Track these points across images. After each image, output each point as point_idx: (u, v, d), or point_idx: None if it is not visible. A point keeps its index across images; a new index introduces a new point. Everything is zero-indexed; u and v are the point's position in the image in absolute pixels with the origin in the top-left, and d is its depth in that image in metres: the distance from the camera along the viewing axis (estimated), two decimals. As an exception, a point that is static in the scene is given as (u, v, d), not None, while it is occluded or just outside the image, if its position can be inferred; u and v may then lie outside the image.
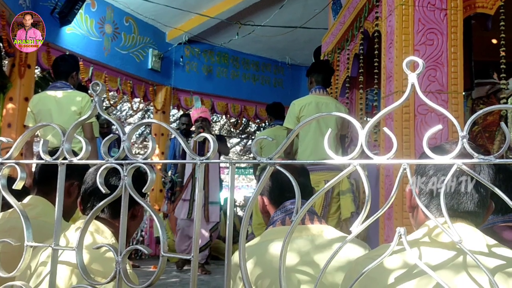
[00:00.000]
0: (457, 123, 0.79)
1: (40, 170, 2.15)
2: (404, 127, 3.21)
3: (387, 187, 3.35)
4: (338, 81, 5.28)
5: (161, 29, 8.02)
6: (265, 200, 1.81)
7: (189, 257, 0.96)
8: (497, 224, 1.59)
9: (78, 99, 3.99)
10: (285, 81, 9.39)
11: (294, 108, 4.20)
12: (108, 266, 1.38)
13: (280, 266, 0.87)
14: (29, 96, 5.62)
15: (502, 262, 1.01)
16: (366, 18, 4.20)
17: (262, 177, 0.93)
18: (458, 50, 3.33)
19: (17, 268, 1.10)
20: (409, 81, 0.82)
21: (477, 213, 1.13)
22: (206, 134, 0.99)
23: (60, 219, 1.11)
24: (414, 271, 1.01)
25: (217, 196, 5.84)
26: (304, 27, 7.17)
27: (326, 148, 0.86)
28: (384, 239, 3.35)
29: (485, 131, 4.46)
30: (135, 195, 1.01)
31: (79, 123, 1.15)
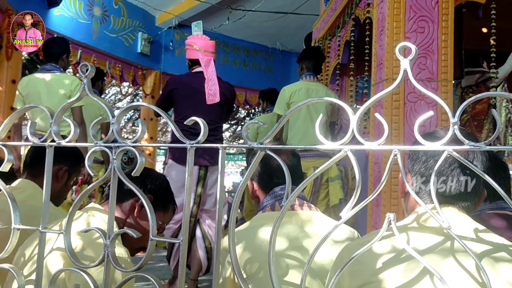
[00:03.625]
0: (448, 110, 0.79)
1: (32, 153, 2.13)
2: (394, 114, 3.22)
3: (376, 174, 3.37)
4: (329, 68, 5.27)
5: (151, 12, 7.93)
6: (255, 185, 1.81)
7: (178, 241, 0.96)
8: (485, 211, 1.61)
9: (67, 82, 3.96)
10: (275, 67, 9.35)
11: (284, 94, 4.19)
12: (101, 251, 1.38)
13: (269, 251, 0.88)
14: (16, 78, 5.55)
15: (489, 247, 1.03)
16: (357, 5, 4.19)
17: (252, 162, 0.93)
18: (449, 38, 3.33)
19: (4, 250, 1.09)
20: (401, 67, 0.82)
21: (468, 200, 1.14)
22: (196, 118, 0.98)
23: (48, 202, 1.10)
24: (402, 256, 1.02)
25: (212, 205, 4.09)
26: (295, 13, 7.13)
27: (317, 133, 0.86)
28: (372, 226, 3.38)
29: (474, 120, 4.49)
30: (124, 179, 1.00)
31: (67, 105, 1.14)
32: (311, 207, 1.69)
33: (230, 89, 4.13)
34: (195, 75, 4.00)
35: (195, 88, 3.91)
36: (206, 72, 3.95)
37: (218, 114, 4.00)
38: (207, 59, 4.00)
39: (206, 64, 3.98)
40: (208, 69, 3.96)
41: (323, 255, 1.44)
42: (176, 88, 3.96)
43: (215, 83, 3.91)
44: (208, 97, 3.87)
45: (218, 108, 3.97)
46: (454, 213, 1.12)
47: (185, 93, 3.92)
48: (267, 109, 6.04)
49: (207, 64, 3.99)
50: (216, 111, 3.96)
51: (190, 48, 4.10)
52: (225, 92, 3.98)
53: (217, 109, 3.97)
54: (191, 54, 4.08)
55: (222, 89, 3.94)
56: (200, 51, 4.02)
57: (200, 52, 4.02)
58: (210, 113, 3.85)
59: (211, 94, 3.88)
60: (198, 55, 4.01)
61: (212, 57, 4.05)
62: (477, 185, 1.15)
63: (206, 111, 3.80)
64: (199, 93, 3.88)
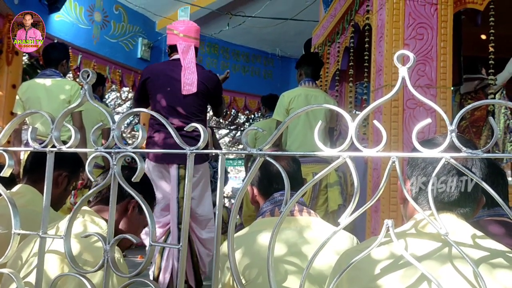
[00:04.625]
0: (446, 117, 0.80)
1: (32, 158, 2.14)
2: (393, 120, 3.23)
3: (375, 180, 3.38)
4: (328, 74, 5.28)
5: (151, 18, 7.96)
6: (255, 190, 1.81)
7: (178, 247, 0.96)
8: (483, 218, 1.61)
9: (67, 87, 3.97)
10: (274, 73, 9.37)
11: (283, 100, 4.20)
12: (100, 256, 1.38)
13: (268, 257, 0.88)
14: (17, 83, 5.57)
15: (487, 254, 1.03)
16: (357, 12, 4.21)
17: (252, 168, 0.94)
18: (448, 45, 3.35)
19: (4, 255, 1.10)
20: (399, 74, 0.82)
21: (467, 206, 1.15)
22: (196, 124, 0.99)
23: (48, 207, 1.10)
24: (400, 262, 1.02)
25: (206, 207, 3.65)
26: (295, 19, 7.15)
27: (316, 140, 0.86)
28: (371, 232, 3.38)
29: (472, 126, 4.50)
30: (124, 184, 1.01)
31: (68, 111, 1.14)
32: (311, 213, 1.69)
33: (212, 78, 3.64)
34: (171, 63, 3.61)
35: (170, 76, 3.51)
36: (184, 59, 3.54)
37: (197, 106, 3.53)
38: (186, 45, 3.58)
39: (184, 50, 3.57)
40: (186, 56, 3.55)
41: (322, 261, 1.45)
42: (148, 77, 3.57)
43: (193, 72, 3.51)
44: (184, 87, 3.47)
45: (197, 99, 3.52)
46: (452, 220, 1.12)
47: (159, 82, 3.52)
48: (266, 115, 6.05)
49: (186, 50, 3.57)
50: (194, 103, 3.51)
51: (169, 32, 3.72)
52: (204, 81, 3.54)
53: (195, 100, 3.51)
54: (170, 39, 3.70)
55: (201, 78, 3.53)
56: (179, 36, 3.62)
57: (179, 37, 3.62)
58: (187, 105, 3.48)
59: (188, 84, 3.48)
60: (177, 40, 3.62)
61: (193, 43, 3.62)
62: (475, 191, 1.15)
63: (182, 102, 3.47)
64: (175, 81, 3.49)
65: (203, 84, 3.53)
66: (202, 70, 3.62)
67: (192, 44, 3.60)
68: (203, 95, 3.55)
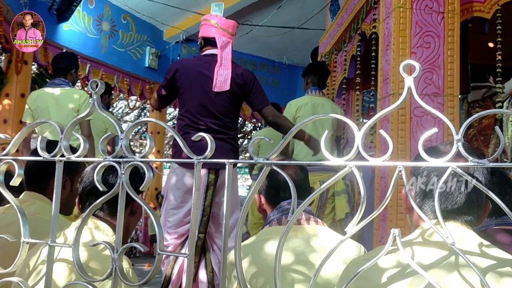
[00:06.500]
0: (452, 127, 0.80)
1: (32, 162, 2.12)
2: (400, 129, 3.23)
3: (382, 188, 3.37)
4: (335, 82, 5.29)
5: (158, 27, 8.02)
6: (262, 199, 1.82)
7: (185, 256, 0.97)
8: (491, 226, 1.60)
9: (76, 97, 4.00)
10: (282, 81, 9.39)
11: (290, 109, 4.21)
12: (106, 264, 1.39)
13: (275, 265, 0.88)
14: (26, 92, 5.62)
15: (493, 262, 1.03)
16: (363, 20, 4.22)
17: (259, 177, 0.94)
18: (455, 53, 3.35)
19: (14, 264, 1.11)
20: (405, 84, 0.83)
21: (471, 213, 1.15)
22: (204, 134, 0.99)
23: (57, 216, 1.11)
24: (407, 271, 1.02)
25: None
26: (302, 28, 7.17)
27: (322, 149, 0.87)
28: (378, 241, 3.36)
29: (480, 134, 4.48)
30: (132, 193, 1.02)
31: (77, 120, 1.16)
32: (318, 221, 1.69)
33: (247, 75, 3.25)
34: (203, 58, 3.25)
35: (202, 73, 3.16)
36: (221, 54, 3.17)
37: (228, 107, 3.18)
38: (226, 40, 3.22)
39: (223, 45, 3.20)
40: (223, 52, 3.18)
41: (329, 270, 1.45)
42: (178, 71, 3.22)
43: (228, 68, 3.16)
44: (216, 83, 3.12)
45: (229, 99, 3.17)
46: (458, 228, 1.12)
47: (190, 78, 3.18)
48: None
49: (224, 45, 3.20)
50: (226, 103, 3.16)
51: (205, 23, 3.31)
52: (238, 79, 3.19)
53: (228, 99, 3.16)
54: (205, 31, 3.29)
55: (235, 75, 3.17)
56: (217, 27, 3.24)
57: (217, 29, 3.24)
58: (218, 104, 3.14)
59: (220, 81, 3.13)
60: (214, 33, 3.23)
61: (231, 39, 3.25)
62: (479, 198, 1.15)
63: (213, 101, 3.13)
64: (208, 79, 3.14)
65: (237, 82, 3.19)
66: (237, 66, 3.27)
67: (230, 40, 3.26)
68: (236, 95, 3.21)
